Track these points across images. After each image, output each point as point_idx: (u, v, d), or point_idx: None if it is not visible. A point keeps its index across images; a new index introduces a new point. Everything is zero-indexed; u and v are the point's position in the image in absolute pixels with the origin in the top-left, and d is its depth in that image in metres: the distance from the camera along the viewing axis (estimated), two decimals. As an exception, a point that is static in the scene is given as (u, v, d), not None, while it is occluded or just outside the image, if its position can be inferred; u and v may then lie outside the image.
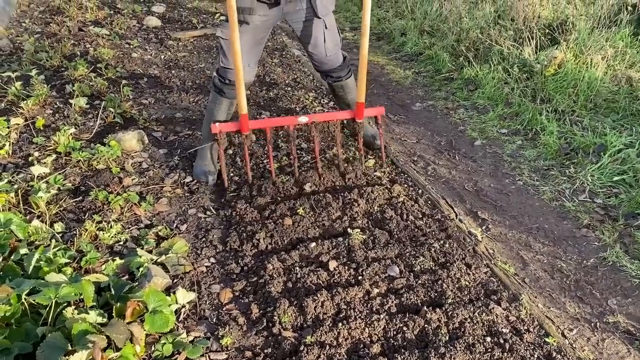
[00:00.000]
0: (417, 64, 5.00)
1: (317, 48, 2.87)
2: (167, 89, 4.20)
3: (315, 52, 2.90)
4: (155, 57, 4.90)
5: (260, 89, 4.22)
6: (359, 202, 2.70)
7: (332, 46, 2.91)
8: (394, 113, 4.08)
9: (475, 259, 2.38)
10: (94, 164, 3.01)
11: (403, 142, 3.62)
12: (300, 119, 2.92)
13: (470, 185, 3.10)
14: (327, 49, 2.89)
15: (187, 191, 2.89)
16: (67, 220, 2.56)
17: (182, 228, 2.59)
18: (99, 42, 5.05)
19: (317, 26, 2.81)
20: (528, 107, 3.84)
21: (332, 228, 2.55)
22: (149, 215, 2.66)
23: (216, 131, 2.82)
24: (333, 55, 2.94)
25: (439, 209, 2.73)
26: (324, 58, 2.92)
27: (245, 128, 2.81)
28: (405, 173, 3.06)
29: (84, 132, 3.42)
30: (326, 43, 2.86)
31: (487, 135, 3.67)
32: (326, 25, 2.83)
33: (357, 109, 2.96)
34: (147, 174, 3.00)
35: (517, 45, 4.44)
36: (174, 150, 3.30)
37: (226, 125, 2.83)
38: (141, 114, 3.73)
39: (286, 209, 2.67)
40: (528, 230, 2.72)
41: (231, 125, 2.83)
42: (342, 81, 3.08)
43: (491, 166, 3.31)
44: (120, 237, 2.48)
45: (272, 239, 2.46)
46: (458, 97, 4.26)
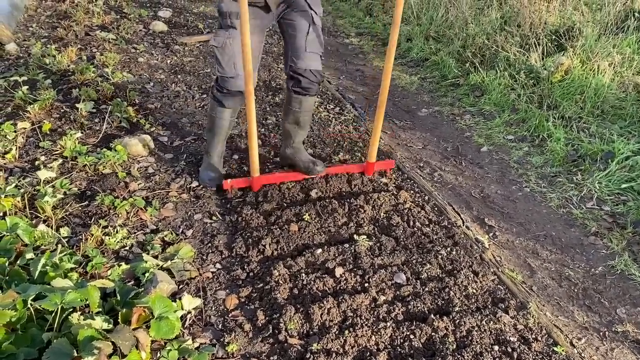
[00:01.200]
0: (423, 69, 5.00)
1: (298, 39, 2.69)
2: (173, 94, 4.21)
3: (295, 43, 2.70)
4: (161, 62, 4.91)
5: (266, 94, 4.22)
6: (365, 208, 2.69)
7: (314, 44, 2.72)
8: (399, 119, 4.07)
9: (482, 267, 2.37)
10: (100, 168, 3.01)
11: (409, 147, 3.61)
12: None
13: (477, 192, 3.09)
14: (308, 43, 2.69)
15: (193, 196, 2.89)
16: (73, 225, 2.56)
17: (187, 233, 2.58)
18: (105, 47, 5.06)
19: (305, 18, 2.69)
20: (535, 113, 3.83)
21: (338, 234, 2.54)
22: (154, 220, 2.66)
23: (227, 187, 2.86)
24: (313, 54, 2.73)
25: (446, 216, 2.72)
26: (302, 52, 2.70)
27: (257, 187, 2.88)
28: (411, 179, 3.05)
29: (90, 137, 3.43)
30: (308, 36, 2.69)
31: (494, 142, 3.66)
32: (314, 20, 2.72)
33: (368, 167, 3.01)
34: (153, 179, 3.00)
35: (523, 52, 4.43)
36: (179, 155, 3.29)
37: (237, 182, 2.88)
38: (147, 118, 3.73)
39: (292, 215, 2.66)
40: (535, 238, 2.70)
41: (242, 181, 2.89)
42: (304, 96, 2.82)
43: (498, 173, 3.29)
44: (126, 242, 2.47)
45: (277, 245, 2.45)
46: (464, 103, 4.25)
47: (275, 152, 3.34)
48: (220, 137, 2.96)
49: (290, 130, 3.00)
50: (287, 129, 3.01)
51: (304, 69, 2.72)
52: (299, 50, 2.71)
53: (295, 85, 2.79)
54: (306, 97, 2.83)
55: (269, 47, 5.44)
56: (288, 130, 3.01)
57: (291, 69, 2.76)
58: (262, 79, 4.53)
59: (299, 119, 2.92)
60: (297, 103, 2.85)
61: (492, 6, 5.28)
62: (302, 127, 2.98)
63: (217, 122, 2.89)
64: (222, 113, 2.84)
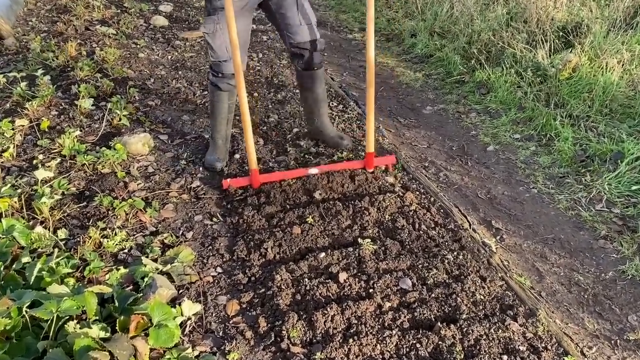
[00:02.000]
0: (428, 66, 4.92)
1: (290, 16, 2.76)
2: (174, 91, 4.14)
3: (288, 20, 2.77)
4: (162, 58, 4.84)
5: (268, 91, 4.15)
6: (369, 210, 2.63)
7: (307, 15, 2.80)
8: (404, 117, 4.00)
9: (490, 272, 2.31)
10: (99, 167, 2.95)
11: (414, 147, 3.55)
12: (310, 171, 2.90)
13: (483, 193, 3.03)
14: (301, 16, 2.77)
15: (193, 197, 2.83)
16: (71, 226, 2.51)
17: (188, 235, 2.53)
18: (105, 42, 4.99)
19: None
20: (542, 111, 3.75)
21: (342, 237, 2.48)
22: (154, 222, 2.60)
23: (226, 186, 2.82)
24: (307, 26, 2.81)
25: (452, 218, 2.66)
26: (297, 27, 2.78)
27: (256, 183, 2.82)
28: (416, 180, 2.98)
29: (90, 135, 3.37)
30: (299, 10, 2.76)
31: (500, 141, 3.59)
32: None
33: (367, 159, 2.94)
34: (153, 179, 2.94)
35: (530, 48, 4.35)
36: (180, 154, 3.23)
37: (236, 181, 2.84)
38: (147, 116, 3.67)
39: (295, 217, 2.60)
40: (543, 241, 2.64)
41: (241, 180, 2.85)
42: (313, 71, 2.96)
43: (505, 173, 3.23)
44: (125, 244, 2.42)
45: (280, 248, 2.40)
46: (470, 100, 4.17)
47: (278, 150, 3.28)
48: (221, 120, 3.00)
49: (311, 106, 3.16)
50: (307, 106, 3.18)
51: (304, 42, 2.84)
52: (294, 26, 2.80)
53: (300, 62, 2.93)
54: (315, 71, 2.96)
55: (271, 43, 5.37)
56: (309, 106, 3.17)
57: (291, 45, 2.87)
58: (264, 76, 4.46)
59: (316, 93, 3.06)
60: (309, 79, 3.00)
61: (498, 1, 5.19)
62: (321, 99, 3.10)
63: (217, 106, 2.95)
64: (220, 96, 2.91)
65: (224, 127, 3.08)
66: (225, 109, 2.99)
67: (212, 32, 2.68)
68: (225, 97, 2.93)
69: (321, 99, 3.10)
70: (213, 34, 2.69)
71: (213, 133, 3.12)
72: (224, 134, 3.10)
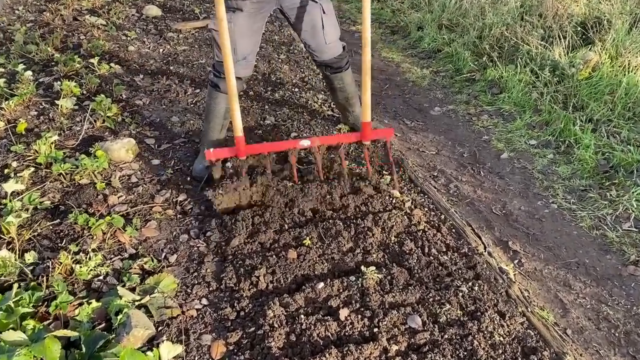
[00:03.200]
0: (435, 62, 4.63)
1: (315, 35, 2.72)
2: (165, 88, 3.87)
3: (313, 40, 2.74)
4: (153, 51, 4.56)
5: (265, 90, 3.87)
6: (373, 230, 2.37)
7: (332, 32, 2.75)
8: (410, 118, 3.73)
9: (509, 306, 2.05)
10: (77, 178, 2.68)
11: (421, 153, 3.28)
12: (301, 143, 2.65)
13: (498, 208, 2.76)
14: (326, 35, 2.72)
15: (179, 212, 2.57)
16: (41, 248, 2.25)
17: (171, 259, 2.27)
18: (94, 34, 4.71)
19: (314, 11, 2.66)
20: (559, 115, 3.48)
21: (343, 263, 2.22)
22: (134, 243, 2.34)
23: (210, 157, 2.55)
24: (333, 43, 2.79)
25: (465, 240, 2.40)
26: (323, 46, 2.76)
27: (242, 152, 2.55)
28: (425, 193, 2.72)
29: (70, 139, 3.10)
30: (325, 29, 2.70)
31: (515, 147, 3.32)
32: (324, 9, 2.67)
33: (363, 129, 2.68)
34: (136, 191, 2.68)
35: (545, 45, 4.05)
36: (167, 161, 2.97)
37: (221, 151, 2.58)
38: (134, 117, 3.39)
39: (291, 238, 2.34)
40: (566, 266, 2.38)
41: (227, 151, 2.58)
42: (342, 72, 2.94)
43: (521, 184, 2.96)
44: (101, 269, 2.16)
45: (273, 276, 2.14)
46: (481, 101, 3.89)
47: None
48: (215, 125, 2.82)
49: (343, 105, 3.16)
50: (340, 104, 3.19)
51: (329, 59, 2.84)
52: (319, 45, 2.76)
53: (328, 69, 2.92)
54: (344, 72, 2.95)
55: (269, 36, 5.07)
56: (342, 105, 3.17)
57: (316, 60, 2.87)
58: (261, 72, 4.18)
59: (347, 93, 3.05)
60: (338, 80, 2.98)
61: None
62: (352, 96, 3.08)
63: (213, 108, 2.78)
64: (218, 97, 2.74)
65: (217, 133, 2.84)
66: (221, 113, 2.78)
67: None
68: (223, 99, 2.71)
69: (353, 95, 3.08)
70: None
71: (204, 139, 2.87)
72: (216, 140, 2.85)
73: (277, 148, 2.65)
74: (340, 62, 2.88)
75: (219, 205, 2.50)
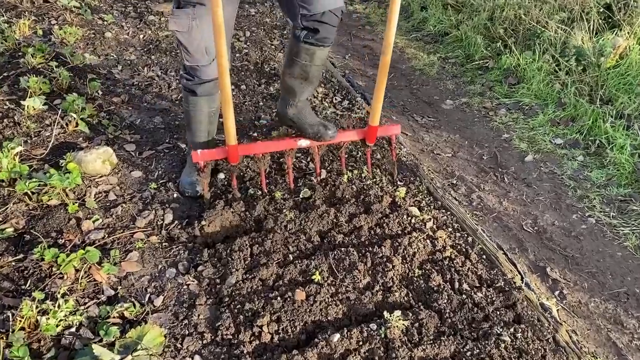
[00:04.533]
0: (443, 47, 4.24)
1: None
2: (146, 81, 3.46)
3: None
4: (132, 37, 4.12)
5: (258, 83, 3.47)
6: (393, 261, 2.03)
7: None
8: (420, 114, 3.36)
9: (558, 356, 1.73)
10: (45, 199, 2.31)
11: (436, 156, 2.93)
12: (300, 143, 2.36)
13: (529, 224, 2.43)
14: None
15: (164, 238, 2.21)
16: (0, 293, 1.88)
17: (156, 302, 1.92)
18: (66, 18, 4.25)
19: None
20: (586, 109, 3.13)
21: (361, 304, 1.88)
22: (113, 282, 1.99)
23: (198, 160, 2.24)
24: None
25: (499, 269, 2.07)
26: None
27: (235, 158, 2.26)
28: (447, 209, 2.38)
29: (37, 147, 2.70)
30: None
31: (540, 148, 2.98)
32: None
33: (369, 131, 2.40)
34: (114, 212, 2.31)
35: (566, 29, 3.68)
36: (149, 173, 2.59)
37: (210, 153, 2.26)
38: (111, 118, 3.00)
39: (297, 273, 1.99)
40: (614, 297, 2.07)
41: (216, 153, 2.27)
42: (320, 47, 2.14)
43: (551, 194, 2.63)
44: (72, 319, 1.80)
45: (279, 325, 1.80)
46: (497, 92, 3.54)
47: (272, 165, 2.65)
48: (200, 132, 2.41)
49: (293, 86, 2.32)
50: (289, 84, 2.32)
51: (322, 12, 2.02)
52: None
53: (309, 36, 2.11)
54: (321, 48, 2.16)
55: (260, 18, 4.64)
56: (291, 85, 2.32)
57: (305, 18, 2.06)
58: (253, 61, 3.78)
59: (309, 73, 2.25)
60: (309, 55, 2.17)
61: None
62: (310, 82, 2.31)
63: (194, 115, 2.35)
64: (197, 103, 2.30)
65: (204, 139, 2.46)
66: (205, 118, 2.36)
67: (186, 29, 2.02)
68: (204, 102, 2.30)
69: (314, 80, 2.31)
70: (188, 32, 2.03)
71: (191, 149, 2.49)
72: (204, 144, 2.47)
73: (273, 148, 2.36)
74: (330, 30, 2.09)
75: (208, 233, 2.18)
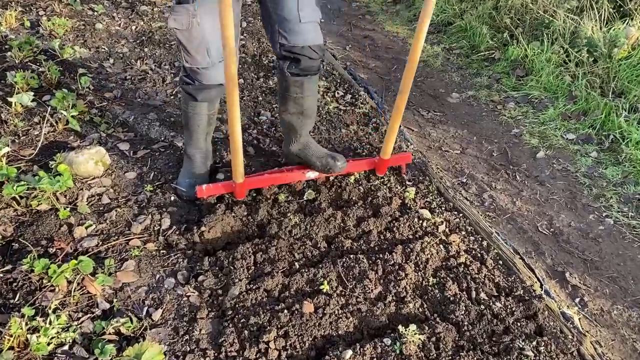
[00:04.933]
0: (447, 37, 4.11)
1: (285, 4, 1.94)
2: (139, 76, 3.31)
3: (282, 11, 1.95)
4: (124, 29, 3.96)
5: (256, 76, 3.33)
6: (405, 268, 1.92)
7: (308, 6, 1.97)
8: (426, 108, 3.24)
9: (584, 372, 1.63)
10: (34, 204, 2.17)
11: (444, 153, 2.81)
12: (308, 175, 2.30)
13: (544, 225, 2.33)
14: (300, 8, 1.94)
15: (162, 245, 2.08)
16: (-13, 309, 1.76)
17: (155, 316, 1.80)
18: (54, 9, 4.08)
19: None
20: (598, 102, 3.02)
21: (373, 316, 1.77)
22: (108, 294, 1.86)
23: (202, 195, 2.19)
24: (309, 24, 1.98)
25: (517, 276, 1.96)
26: (296, 25, 1.95)
27: (241, 194, 2.22)
28: (459, 211, 2.26)
29: (26, 147, 2.56)
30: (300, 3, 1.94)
31: (551, 143, 2.87)
32: None
33: (380, 163, 2.37)
34: (109, 217, 2.18)
35: (575, 18, 3.56)
36: (145, 174, 2.46)
37: (215, 188, 2.21)
38: (103, 115, 2.86)
39: (304, 282, 1.88)
40: (638, 304, 1.97)
41: (222, 187, 2.21)
42: (307, 76, 2.10)
43: (566, 192, 2.52)
44: (65, 337, 1.68)
45: (287, 341, 1.68)
46: (504, 85, 3.41)
47: (273, 163, 2.53)
48: (199, 135, 2.30)
49: (292, 123, 2.28)
50: (288, 121, 2.28)
51: (301, 47, 2.00)
52: (291, 21, 1.96)
53: (292, 66, 2.07)
54: (309, 78, 2.11)
55: (257, 8, 4.48)
56: (290, 122, 2.28)
57: (284, 48, 2.02)
58: (250, 54, 3.63)
59: (303, 106, 2.19)
60: (298, 87, 2.13)
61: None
62: (307, 115, 2.25)
63: (193, 119, 2.22)
64: (197, 108, 2.18)
65: (202, 141, 2.34)
66: (204, 122, 2.24)
67: (185, 27, 1.86)
68: (203, 108, 2.18)
69: (311, 113, 2.25)
70: (188, 30, 1.87)
71: (188, 148, 2.37)
72: (202, 149, 2.36)
73: (280, 181, 2.29)
74: (313, 61, 2.05)
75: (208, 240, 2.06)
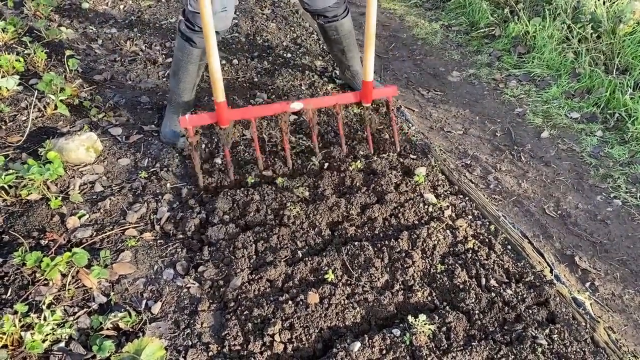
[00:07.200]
0: (446, 13, 4.00)
1: None
2: (129, 57, 3.20)
3: None
4: (112, 8, 3.82)
5: (251, 56, 3.23)
6: (412, 255, 1.85)
7: None
8: (426, 87, 3.15)
9: (599, 359, 1.58)
10: (24, 194, 2.08)
11: (447, 133, 2.73)
12: (292, 106, 2.24)
13: (551, 208, 2.27)
14: None
15: (159, 235, 2.01)
16: (-22, 304, 1.68)
17: (154, 310, 1.73)
18: (39, -13, 3.92)
19: None
20: (602, 80, 2.95)
21: (380, 306, 1.71)
22: (104, 287, 1.79)
23: (186, 125, 2.13)
24: None
25: (526, 260, 1.91)
26: None
27: (224, 120, 2.16)
28: (465, 195, 2.20)
29: (13, 133, 2.47)
30: None
31: (555, 123, 2.80)
32: None
33: (364, 89, 2.29)
34: (103, 206, 2.10)
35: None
36: (139, 160, 2.37)
37: (199, 118, 2.17)
38: (93, 99, 2.75)
39: (308, 271, 1.81)
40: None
41: (205, 117, 2.19)
42: (338, 21, 2.54)
43: (572, 173, 2.46)
44: (61, 333, 1.62)
45: (292, 333, 1.62)
46: (506, 63, 3.33)
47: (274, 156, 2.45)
48: (187, 84, 2.45)
49: (339, 58, 2.77)
50: (335, 56, 2.81)
51: (322, 7, 2.45)
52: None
53: (321, 18, 2.54)
54: (339, 22, 2.55)
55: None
56: (337, 57, 2.78)
57: (309, 9, 2.50)
58: (244, 32, 3.52)
59: (342, 44, 2.65)
60: (333, 30, 2.59)
61: None
62: (349, 50, 2.69)
63: (184, 65, 2.37)
64: (191, 54, 2.33)
65: (188, 93, 2.49)
66: (194, 71, 2.40)
67: None
68: (197, 54, 2.32)
69: (350, 47, 2.67)
70: None
71: (174, 98, 2.50)
72: (187, 99, 2.51)
73: (264, 112, 2.30)
74: (335, 9, 2.48)
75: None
